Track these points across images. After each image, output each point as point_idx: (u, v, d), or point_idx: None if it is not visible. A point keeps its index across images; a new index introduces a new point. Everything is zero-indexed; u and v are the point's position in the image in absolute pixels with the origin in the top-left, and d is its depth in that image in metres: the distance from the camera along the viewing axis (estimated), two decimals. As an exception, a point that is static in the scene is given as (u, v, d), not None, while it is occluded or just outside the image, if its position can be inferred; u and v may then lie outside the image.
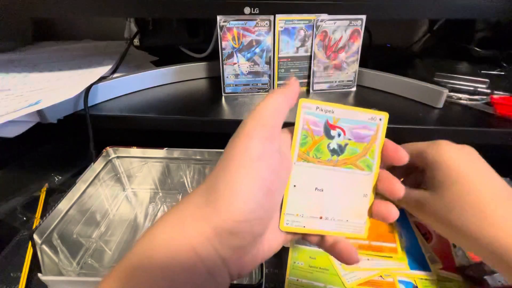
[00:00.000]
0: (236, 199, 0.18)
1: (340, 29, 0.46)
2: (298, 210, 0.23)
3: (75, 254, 0.37)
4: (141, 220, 0.45)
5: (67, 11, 0.41)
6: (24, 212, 0.45)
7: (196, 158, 0.44)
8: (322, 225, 0.23)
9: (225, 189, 0.19)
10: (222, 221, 0.18)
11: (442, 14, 0.44)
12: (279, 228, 0.23)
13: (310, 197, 0.23)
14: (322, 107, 0.23)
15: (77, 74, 0.49)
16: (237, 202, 0.18)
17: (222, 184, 0.19)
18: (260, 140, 0.19)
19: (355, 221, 0.24)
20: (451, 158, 0.25)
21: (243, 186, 0.18)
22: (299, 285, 0.35)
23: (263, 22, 0.44)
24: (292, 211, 0.23)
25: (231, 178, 0.19)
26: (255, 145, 0.19)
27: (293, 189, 0.23)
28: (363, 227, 0.24)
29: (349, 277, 0.36)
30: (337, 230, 0.23)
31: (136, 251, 0.18)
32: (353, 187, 0.23)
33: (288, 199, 0.23)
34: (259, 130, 0.20)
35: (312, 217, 0.23)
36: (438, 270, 0.36)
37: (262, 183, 0.19)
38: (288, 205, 0.23)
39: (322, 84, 0.50)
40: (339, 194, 0.23)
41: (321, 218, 0.23)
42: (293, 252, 0.39)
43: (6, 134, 0.38)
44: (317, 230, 0.23)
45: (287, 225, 0.23)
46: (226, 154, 0.20)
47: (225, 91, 0.48)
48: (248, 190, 0.18)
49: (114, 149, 0.44)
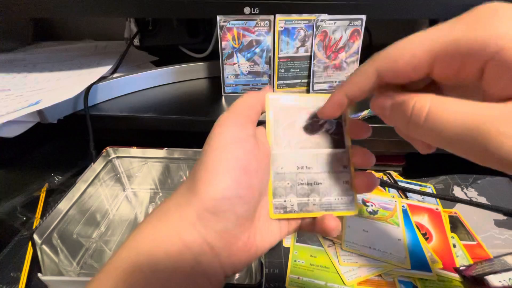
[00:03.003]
0: (213, 178, 0.19)
1: (340, 29, 0.46)
2: (285, 196, 0.23)
3: (75, 254, 0.37)
4: (141, 220, 0.44)
5: (67, 11, 0.41)
6: (24, 212, 0.45)
7: (196, 158, 0.44)
8: (311, 208, 0.24)
9: (202, 172, 0.19)
10: (202, 202, 0.18)
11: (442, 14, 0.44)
12: (270, 217, 0.23)
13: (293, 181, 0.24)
14: (287, 97, 0.25)
15: (77, 74, 0.49)
16: (214, 180, 0.19)
17: (199, 169, 0.20)
18: (233, 127, 0.21)
19: (343, 198, 0.24)
20: None
21: (219, 166, 0.19)
22: (299, 283, 0.35)
23: (263, 22, 0.44)
24: (279, 198, 0.23)
25: (207, 162, 0.20)
26: (229, 131, 0.21)
27: (276, 176, 0.23)
28: (353, 203, 0.24)
29: (349, 275, 0.36)
30: (327, 210, 0.24)
31: (125, 247, 0.19)
32: (333, 165, 0.24)
33: (272, 186, 0.23)
34: (232, 119, 0.21)
35: (300, 201, 0.23)
36: (438, 270, 0.36)
37: (237, 162, 0.20)
38: (274, 192, 0.23)
39: (322, 84, 0.50)
40: (320, 175, 0.24)
41: (309, 201, 0.24)
42: (294, 251, 0.39)
43: (6, 134, 0.38)
44: (307, 213, 0.24)
45: (276, 213, 0.23)
46: (204, 145, 0.21)
47: (225, 91, 0.48)
48: (224, 169, 0.19)
49: (114, 149, 0.44)
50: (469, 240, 0.40)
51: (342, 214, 0.24)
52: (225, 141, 0.20)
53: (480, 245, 0.40)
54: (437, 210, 0.44)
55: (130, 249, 0.19)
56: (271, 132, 0.24)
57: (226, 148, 0.20)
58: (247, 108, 0.22)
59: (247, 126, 0.21)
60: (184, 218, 0.19)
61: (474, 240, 0.40)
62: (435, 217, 0.43)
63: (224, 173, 0.19)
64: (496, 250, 0.39)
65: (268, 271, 0.37)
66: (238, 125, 0.21)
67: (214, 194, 0.19)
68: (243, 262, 0.21)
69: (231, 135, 0.20)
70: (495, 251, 0.39)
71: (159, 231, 0.19)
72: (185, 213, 0.19)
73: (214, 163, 0.19)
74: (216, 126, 0.21)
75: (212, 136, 0.21)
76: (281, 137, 0.24)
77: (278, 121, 0.24)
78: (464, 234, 0.41)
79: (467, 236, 0.41)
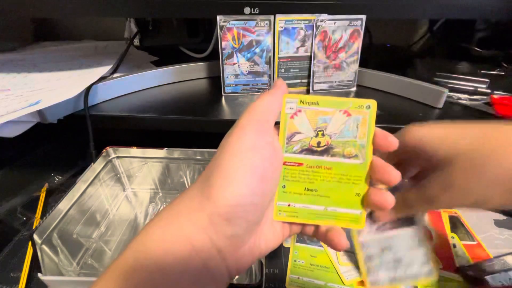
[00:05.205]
0: (229, 184, 0.19)
1: (340, 29, 0.46)
2: (290, 200, 0.23)
3: (75, 254, 0.37)
4: (141, 220, 0.45)
5: (67, 11, 0.41)
6: (24, 212, 0.45)
7: (196, 158, 0.44)
8: (315, 215, 0.23)
9: (218, 177, 0.19)
10: (216, 207, 0.18)
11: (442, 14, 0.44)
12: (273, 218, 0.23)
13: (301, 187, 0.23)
14: (305, 100, 0.23)
15: (77, 74, 0.49)
16: (230, 187, 0.19)
17: (216, 173, 0.19)
18: (253, 132, 0.20)
19: (350, 211, 0.23)
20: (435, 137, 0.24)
21: (236, 173, 0.19)
22: (299, 282, 0.35)
23: (263, 22, 0.44)
24: (284, 202, 0.23)
25: (224, 167, 0.19)
26: (249, 137, 0.20)
27: (283, 180, 0.23)
28: (359, 218, 0.23)
29: (348, 275, 0.36)
30: (331, 220, 0.23)
31: (131, 248, 0.19)
32: (345, 177, 0.23)
33: (280, 189, 0.23)
34: (253, 124, 0.21)
35: (305, 207, 0.23)
36: (438, 270, 0.36)
37: (255, 170, 0.19)
38: (280, 195, 0.23)
39: (322, 84, 0.50)
40: (331, 184, 0.23)
41: (314, 209, 0.23)
42: (294, 251, 0.39)
43: (6, 134, 0.38)
44: (310, 220, 0.23)
45: (280, 215, 0.23)
46: (221, 147, 0.20)
47: (225, 91, 0.48)
48: (241, 176, 0.19)
49: (114, 149, 0.44)
50: (469, 240, 0.40)
51: (345, 226, 0.23)
52: (244, 147, 0.20)
53: (480, 245, 0.40)
54: (437, 210, 0.44)
55: (137, 250, 0.18)
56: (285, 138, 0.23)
57: (244, 155, 0.19)
58: (267, 110, 0.22)
59: (267, 133, 0.21)
60: (195, 222, 0.18)
61: (474, 240, 0.40)
62: (435, 217, 0.43)
63: (240, 181, 0.19)
64: (496, 250, 0.39)
65: (268, 271, 0.37)
66: (258, 132, 0.21)
67: (229, 201, 0.18)
68: (247, 264, 0.21)
69: (251, 141, 0.20)
70: (495, 251, 0.39)
71: (169, 234, 0.18)
72: (197, 217, 0.18)
73: (231, 169, 0.19)
74: (235, 130, 0.21)
75: (230, 140, 0.20)
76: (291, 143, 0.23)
77: None
78: (464, 234, 0.41)
79: (467, 236, 0.41)
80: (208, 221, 0.18)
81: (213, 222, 0.18)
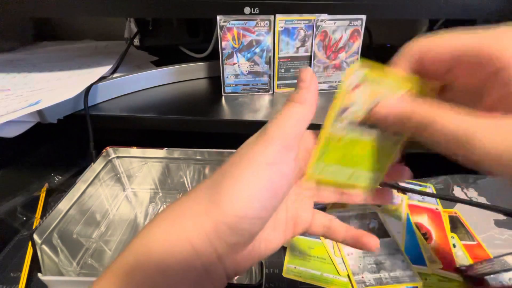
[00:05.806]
0: (241, 195, 0.18)
1: (340, 29, 0.46)
2: (325, 165, 0.23)
3: (75, 254, 0.37)
4: (141, 220, 0.45)
5: (67, 11, 0.41)
6: (24, 212, 0.45)
7: (196, 158, 0.44)
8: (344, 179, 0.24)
9: (230, 186, 0.18)
10: (223, 216, 0.18)
11: (442, 14, 0.44)
12: (306, 178, 0.23)
13: (339, 156, 0.23)
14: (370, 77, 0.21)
15: (77, 74, 0.49)
16: (242, 198, 0.18)
17: (228, 180, 0.19)
18: (279, 147, 0.19)
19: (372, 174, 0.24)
20: None
21: (251, 186, 0.18)
22: (296, 272, 0.36)
23: (263, 22, 0.44)
24: (318, 167, 0.23)
25: (239, 177, 0.19)
26: (273, 151, 0.19)
27: (324, 148, 0.23)
28: (378, 179, 0.24)
29: (343, 266, 0.37)
30: (355, 182, 0.24)
31: (132, 248, 0.18)
32: (383, 149, 0.23)
33: (318, 156, 0.23)
34: (281, 137, 0.19)
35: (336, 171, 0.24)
36: (438, 270, 0.36)
37: (270, 186, 0.19)
38: (317, 161, 0.23)
39: (322, 84, 0.50)
40: (366, 154, 0.23)
41: (344, 172, 0.24)
42: (292, 242, 0.40)
43: (6, 134, 0.38)
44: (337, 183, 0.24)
45: (313, 175, 0.23)
46: (240, 154, 0.20)
47: (225, 91, 0.48)
48: (256, 190, 0.18)
49: (114, 149, 0.44)
50: (469, 240, 0.40)
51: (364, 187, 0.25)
52: (265, 161, 0.19)
53: (480, 245, 0.40)
54: (437, 210, 0.44)
55: (137, 251, 0.18)
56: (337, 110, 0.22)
57: (264, 169, 0.19)
58: (298, 126, 0.20)
59: (292, 148, 0.20)
60: (199, 227, 0.18)
61: (474, 240, 0.40)
62: (435, 217, 0.43)
63: (254, 195, 0.18)
64: (496, 250, 0.39)
65: (268, 271, 0.37)
66: (285, 147, 0.19)
67: (237, 212, 0.18)
68: (246, 267, 0.21)
69: (274, 156, 0.19)
70: (495, 251, 0.39)
71: (171, 235, 0.18)
72: (201, 222, 0.18)
73: (246, 181, 0.18)
74: (260, 140, 0.19)
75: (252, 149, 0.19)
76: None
77: None
78: (464, 234, 0.41)
79: (467, 236, 0.41)
80: (213, 227, 0.18)
81: (217, 229, 0.18)
